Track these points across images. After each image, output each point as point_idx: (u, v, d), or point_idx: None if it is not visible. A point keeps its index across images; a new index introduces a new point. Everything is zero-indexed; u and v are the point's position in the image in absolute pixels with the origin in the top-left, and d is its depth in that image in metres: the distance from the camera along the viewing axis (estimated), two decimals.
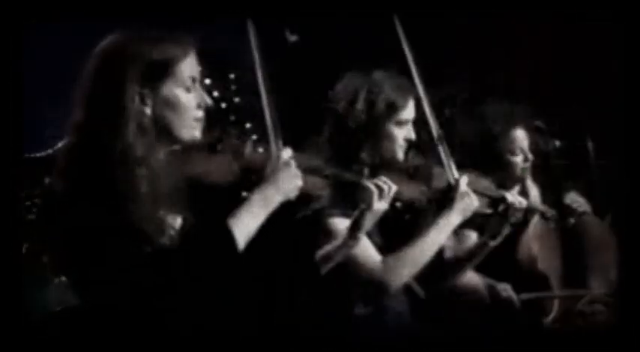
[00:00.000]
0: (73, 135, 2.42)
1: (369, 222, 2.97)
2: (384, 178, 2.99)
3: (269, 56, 2.76)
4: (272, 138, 2.72)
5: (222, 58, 4.22)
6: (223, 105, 4.42)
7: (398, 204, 3.18)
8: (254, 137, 2.78)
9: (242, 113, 4.36)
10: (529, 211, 3.52)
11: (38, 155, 3.43)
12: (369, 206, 2.93)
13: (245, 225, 2.48)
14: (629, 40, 2.90)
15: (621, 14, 3.01)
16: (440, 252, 3.35)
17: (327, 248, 3.01)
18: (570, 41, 4.44)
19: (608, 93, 3.07)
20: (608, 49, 3.18)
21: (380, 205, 2.96)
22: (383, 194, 2.95)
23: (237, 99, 4.43)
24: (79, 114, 2.42)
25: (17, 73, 2.71)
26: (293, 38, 4.27)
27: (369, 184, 2.95)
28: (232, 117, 4.36)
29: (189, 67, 2.47)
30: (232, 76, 4.47)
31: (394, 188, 2.97)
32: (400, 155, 3.30)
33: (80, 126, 2.41)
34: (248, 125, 4.31)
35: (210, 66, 4.42)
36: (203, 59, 2.49)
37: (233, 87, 4.47)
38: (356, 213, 2.97)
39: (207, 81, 4.60)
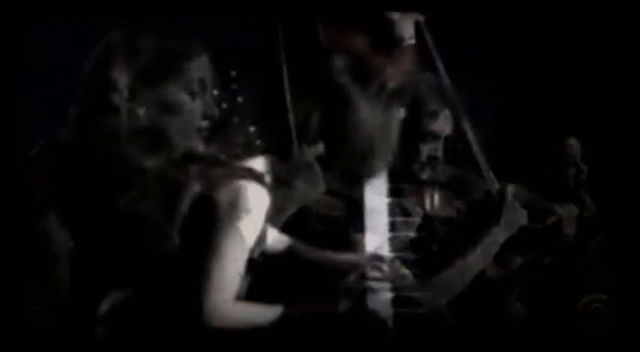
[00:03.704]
0: (68, 130, 2.25)
1: None
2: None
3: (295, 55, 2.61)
4: (295, 139, 2.59)
5: (224, 54, 3.82)
6: (224, 105, 3.95)
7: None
8: (258, 142, 2.65)
9: (245, 114, 3.91)
10: (582, 223, 3.22)
11: None
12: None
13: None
14: None
15: None
16: (481, 275, 3.00)
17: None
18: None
19: None
20: None
21: None
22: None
23: (240, 99, 3.96)
24: (76, 108, 2.26)
25: (14, 74, 2.51)
26: None
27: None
28: (235, 120, 3.89)
29: (198, 68, 2.32)
30: (234, 73, 4.01)
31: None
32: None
33: (75, 120, 2.25)
34: (252, 129, 3.89)
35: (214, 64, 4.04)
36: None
37: (234, 85, 4.00)
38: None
39: None
